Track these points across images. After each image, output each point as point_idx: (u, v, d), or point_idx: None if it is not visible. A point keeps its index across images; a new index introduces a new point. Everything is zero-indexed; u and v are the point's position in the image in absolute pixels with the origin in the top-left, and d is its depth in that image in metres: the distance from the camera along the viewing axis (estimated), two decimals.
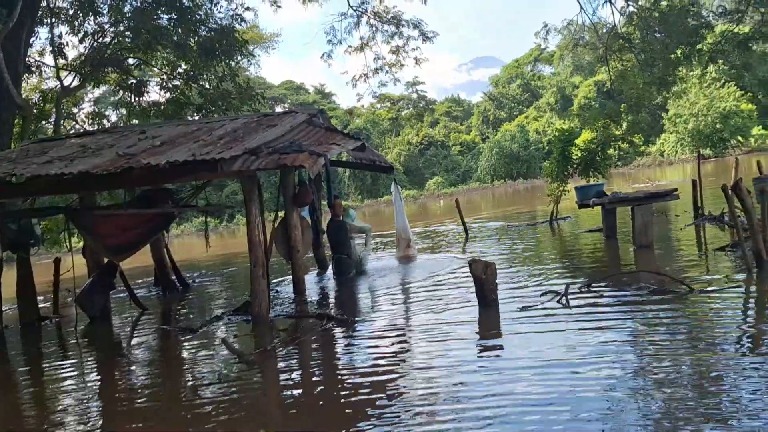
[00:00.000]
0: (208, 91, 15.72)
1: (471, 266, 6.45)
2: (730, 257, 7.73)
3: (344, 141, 9.18)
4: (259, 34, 42.39)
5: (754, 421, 3.32)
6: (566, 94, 63.25)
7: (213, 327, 7.69)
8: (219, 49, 14.70)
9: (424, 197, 54.38)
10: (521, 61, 77.13)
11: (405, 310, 7.65)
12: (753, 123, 50.73)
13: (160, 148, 8.01)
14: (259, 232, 7.70)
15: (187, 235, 43.54)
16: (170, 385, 5.68)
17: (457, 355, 5.15)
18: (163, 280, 11.72)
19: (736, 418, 3.38)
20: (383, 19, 18.61)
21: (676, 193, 9.91)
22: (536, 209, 21.46)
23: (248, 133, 8.44)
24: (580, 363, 4.52)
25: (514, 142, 59.54)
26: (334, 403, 4.57)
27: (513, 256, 10.53)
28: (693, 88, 47.17)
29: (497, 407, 3.95)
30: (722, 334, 4.93)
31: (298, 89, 72.18)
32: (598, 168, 14.69)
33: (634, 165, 54.74)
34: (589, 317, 5.81)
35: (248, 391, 5.07)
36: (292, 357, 6.02)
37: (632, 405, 3.76)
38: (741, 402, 3.59)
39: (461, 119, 72.48)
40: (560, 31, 22.15)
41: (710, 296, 5.94)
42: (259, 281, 7.55)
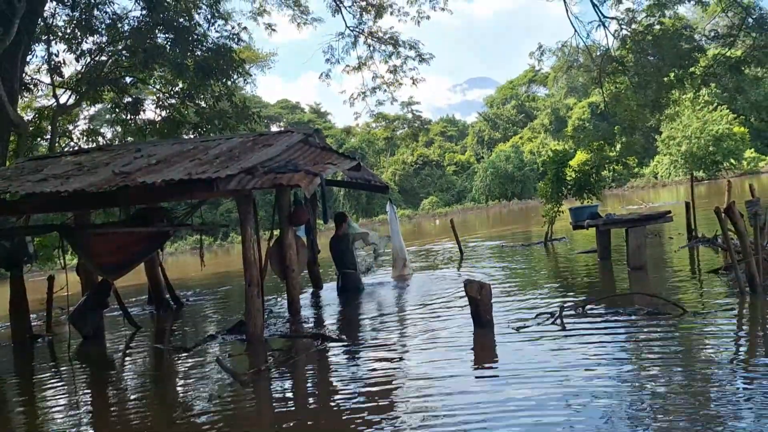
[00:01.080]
0: (205, 110, 15.79)
1: (466, 286, 6.45)
2: (724, 280, 7.75)
3: (340, 161, 9.22)
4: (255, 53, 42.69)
5: None
6: (560, 116, 63.75)
7: (207, 346, 7.64)
8: (215, 69, 14.80)
9: (419, 217, 54.47)
10: (516, 82, 77.85)
11: (400, 329, 7.63)
12: (745, 146, 51.23)
13: (155, 166, 8.02)
14: (254, 250, 7.69)
15: (181, 253, 43.42)
16: (163, 404, 5.63)
17: (452, 376, 5.13)
18: (157, 299, 11.66)
19: None
20: (380, 40, 18.81)
21: (669, 215, 9.97)
22: (531, 230, 21.51)
23: (244, 152, 8.47)
24: (574, 386, 4.51)
25: (509, 162, 59.87)
26: (327, 423, 4.54)
27: (508, 277, 10.54)
28: (686, 111, 47.64)
29: (492, 429, 3.94)
30: (715, 357, 4.93)
31: (294, 108, 72.56)
32: (592, 189, 14.76)
33: (628, 186, 55.06)
34: (584, 339, 5.80)
35: (242, 411, 5.04)
36: (286, 377, 5.98)
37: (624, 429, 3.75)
38: (732, 423, 3.58)
39: (456, 139, 72.89)
40: (554, 52, 22.38)
41: (704, 319, 5.95)
42: (253, 300, 7.52)
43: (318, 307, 10.27)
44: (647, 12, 18.23)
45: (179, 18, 15.08)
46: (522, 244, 16.24)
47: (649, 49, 18.03)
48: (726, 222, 6.95)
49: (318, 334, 7.39)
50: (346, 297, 10.38)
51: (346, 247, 10.79)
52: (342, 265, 10.78)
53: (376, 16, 18.98)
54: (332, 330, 7.69)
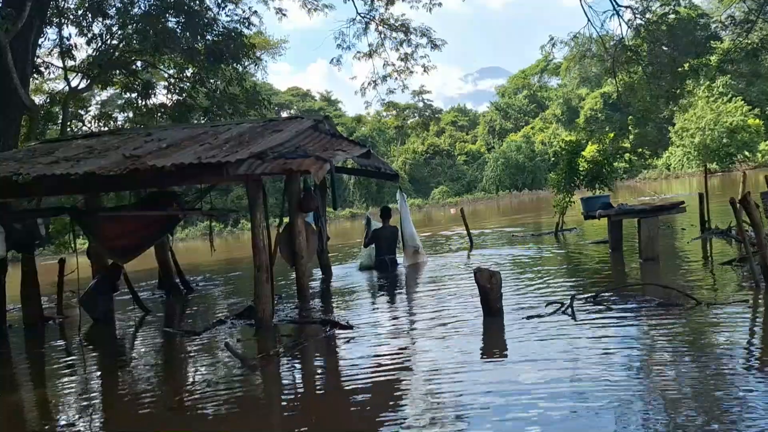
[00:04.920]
0: (215, 95, 15.76)
1: (476, 275, 6.40)
2: (737, 272, 7.66)
3: (350, 147, 9.17)
4: (265, 40, 42.53)
5: None
6: (572, 106, 63.24)
7: (216, 331, 7.65)
8: (226, 53, 14.75)
9: (429, 206, 54.34)
10: (528, 72, 77.21)
11: (409, 316, 7.60)
12: (760, 138, 50.59)
13: (165, 150, 8.01)
14: (263, 236, 7.66)
15: (192, 239, 43.59)
16: (171, 387, 5.64)
17: (461, 363, 5.10)
18: (167, 284, 11.69)
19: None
20: (391, 27, 18.67)
21: (683, 206, 9.85)
22: (541, 220, 21.40)
23: (254, 137, 8.44)
24: (583, 375, 4.47)
25: (520, 152, 59.53)
26: (335, 408, 4.53)
27: (518, 266, 10.48)
28: (700, 102, 47.13)
29: (500, 416, 3.92)
30: (729, 348, 4.87)
31: (305, 96, 72.39)
32: (604, 180, 14.63)
33: (640, 178, 54.60)
34: (595, 329, 5.75)
35: (250, 396, 5.03)
36: (294, 362, 5.98)
37: (635, 419, 3.70)
38: (745, 417, 3.53)
39: (467, 129, 72.51)
40: (567, 43, 22.16)
41: (718, 310, 5.88)
42: (262, 285, 7.51)
43: (327, 293, 10.27)
44: (662, 1, 18.00)
45: (190, 1, 15.02)
46: (532, 234, 16.16)
47: (664, 39, 17.81)
48: (741, 213, 6.85)
49: (326, 320, 7.38)
50: (387, 276, 11.25)
51: (393, 237, 12.01)
52: (388, 252, 11.95)
53: (387, 3, 18.82)
54: (341, 316, 7.67)
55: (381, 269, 11.77)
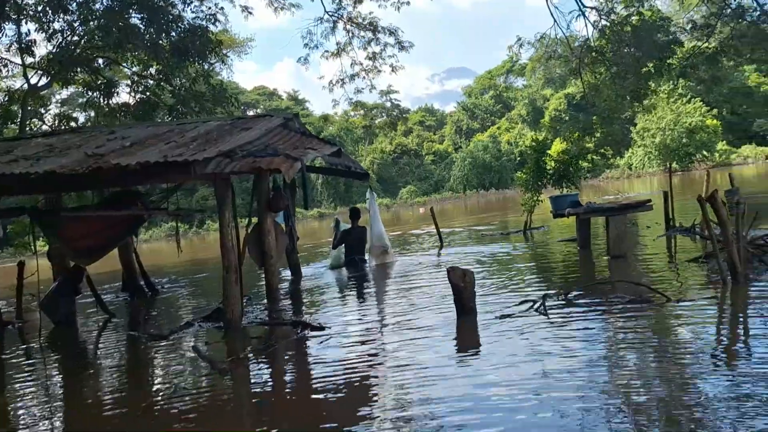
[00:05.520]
0: (181, 92, 15.44)
1: (449, 274, 6.37)
2: (704, 268, 7.79)
3: (320, 146, 9.06)
4: (231, 38, 41.98)
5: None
6: (537, 106, 64.17)
7: (183, 334, 7.46)
8: (192, 50, 14.46)
9: (398, 206, 54.43)
10: (494, 72, 78.07)
11: (382, 316, 7.53)
12: (717, 138, 52.13)
13: (129, 148, 7.78)
14: (232, 236, 7.51)
15: (156, 240, 42.83)
16: (137, 392, 5.47)
17: (434, 363, 5.04)
18: (131, 286, 11.42)
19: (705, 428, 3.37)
20: (360, 26, 18.58)
21: (650, 204, 10.01)
22: (508, 219, 21.57)
23: (222, 135, 8.27)
24: (554, 373, 4.47)
25: (487, 152, 60.13)
26: (306, 411, 4.43)
27: (489, 265, 10.51)
28: (661, 103, 48.22)
29: (471, 414, 3.89)
30: (697, 344, 4.92)
31: (271, 95, 71.84)
32: (571, 179, 14.80)
33: (604, 177, 55.73)
34: (568, 327, 5.77)
35: (219, 400, 4.90)
36: (265, 365, 5.86)
37: (603, 417, 3.71)
38: (711, 413, 3.57)
39: (434, 129, 72.93)
40: (533, 44, 22.38)
41: (687, 306, 5.95)
42: (231, 287, 7.36)
43: (298, 294, 10.15)
44: (625, 3, 18.30)
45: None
46: (501, 233, 16.26)
47: (628, 40, 18.10)
48: (708, 210, 6.96)
49: (297, 321, 7.25)
50: (358, 275, 11.27)
51: (362, 237, 12.13)
52: (356, 252, 12.10)
53: (355, 1, 18.73)
54: (312, 317, 7.56)
55: (351, 268, 11.88)
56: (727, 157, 52.07)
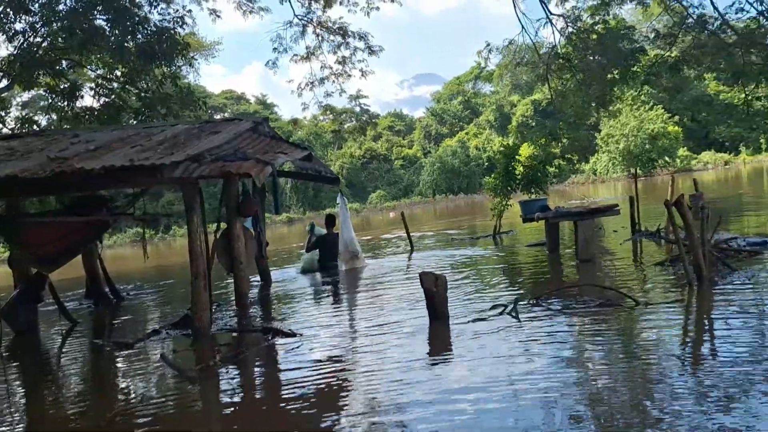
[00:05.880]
0: (147, 95, 15.15)
1: (421, 278, 6.35)
2: (670, 271, 7.94)
3: (291, 150, 8.98)
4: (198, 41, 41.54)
5: None
6: (505, 112, 64.87)
7: (150, 342, 7.30)
8: (158, 52, 14.20)
9: (367, 210, 54.41)
10: (462, 78, 78.75)
11: (354, 322, 7.49)
12: (679, 144, 53.44)
13: (94, 152, 7.60)
14: (200, 242, 7.38)
15: (120, 246, 41.99)
16: (102, 402, 5.31)
17: (406, 368, 5.02)
18: (96, 293, 11.13)
19: None
20: (330, 30, 18.52)
21: (617, 208, 10.17)
22: (477, 223, 21.72)
23: (190, 139, 8.13)
24: (528, 375, 4.50)
25: (456, 157, 60.56)
26: (278, 419, 4.35)
27: (460, 269, 10.54)
28: (625, 110, 49.22)
29: (442, 420, 3.88)
30: (664, 346, 5.00)
31: (239, 99, 71.13)
32: (539, 184, 14.96)
33: (570, 182, 56.61)
34: (539, 330, 5.80)
35: (188, 409, 4.80)
36: (235, 373, 5.75)
37: (573, 418, 3.76)
38: (676, 413, 3.63)
39: (404, 134, 73.17)
40: (501, 51, 22.59)
41: (654, 310, 6.04)
42: (200, 293, 7.22)
43: (268, 300, 10.03)
44: (591, 11, 18.61)
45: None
46: (471, 237, 16.35)
47: (594, 48, 18.39)
48: (674, 215, 7.09)
49: (268, 328, 7.16)
50: (330, 281, 11.25)
51: (336, 243, 12.04)
52: (332, 258, 12.09)
53: (325, 6, 18.66)
54: (283, 323, 7.47)
55: (324, 273, 12.03)
56: (688, 163, 53.43)
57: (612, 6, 18.32)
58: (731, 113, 52.98)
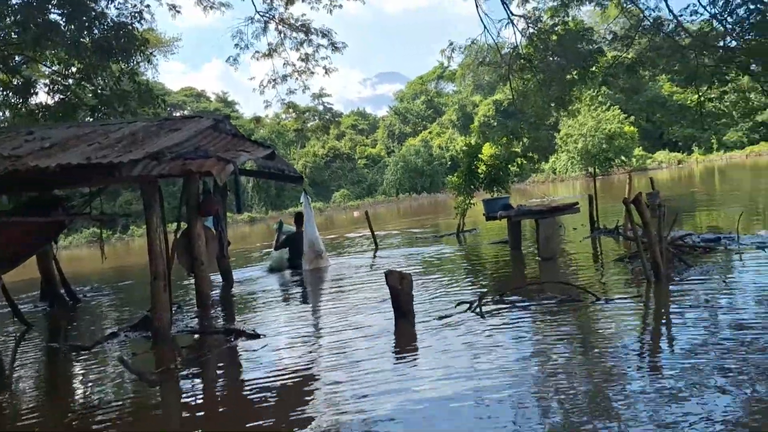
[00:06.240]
0: (104, 92, 14.75)
1: (387, 277, 6.34)
2: (628, 268, 8.12)
3: (253, 148, 8.85)
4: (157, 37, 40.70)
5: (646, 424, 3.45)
6: (467, 112, 65.44)
7: (108, 345, 7.12)
8: (115, 48, 13.83)
9: (331, 209, 54.21)
10: (425, 78, 79.13)
11: (318, 321, 7.44)
12: (634, 144, 54.84)
13: (49, 150, 7.37)
14: (160, 242, 7.23)
15: (76, 247, 40.89)
16: (58, 407, 5.15)
17: (371, 367, 5.01)
18: (51, 295, 10.82)
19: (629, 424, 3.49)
20: (292, 27, 18.35)
21: (577, 206, 10.36)
22: (441, 222, 21.86)
23: (149, 136, 7.95)
24: (492, 371, 4.55)
25: (419, 156, 60.80)
26: (240, 422, 4.29)
27: (424, 267, 10.58)
28: (583, 110, 50.23)
29: (408, 418, 3.90)
30: (623, 340, 5.11)
31: (199, 96, 69.93)
32: (501, 183, 15.14)
33: (530, 181, 57.48)
34: (503, 326, 5.87)
35: (148, 414, 4.69)
36: (196, 376, 5.64)
37: (534, 411, 3.83)
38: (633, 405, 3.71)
39: (367, 133, 73.11)
40: (464, 50, 22.79)
41: (614, 305, 6.17)
42: (159, 295, 7.07)
43: (230, 300, 9.89)
44: (551, 12, 18.91)
45: None
46: (435, 235, 16.45)
47: (554, 49, 18.69)
48: (632, 212, 7.26)
49: (230, 329, 7.06)
50: (296, 280, 11.26)
51: (301, 242, 12.06)
52: (299, 256, 12.06)
53: (287, 2, 18.47)
54: (245, 325, 7.37)
55: (294, 271, 12.12)
56: (643, 162, 54.84)
57: (571, 7, 18.67)
58: (684, 114, 54.63)
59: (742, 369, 4.09)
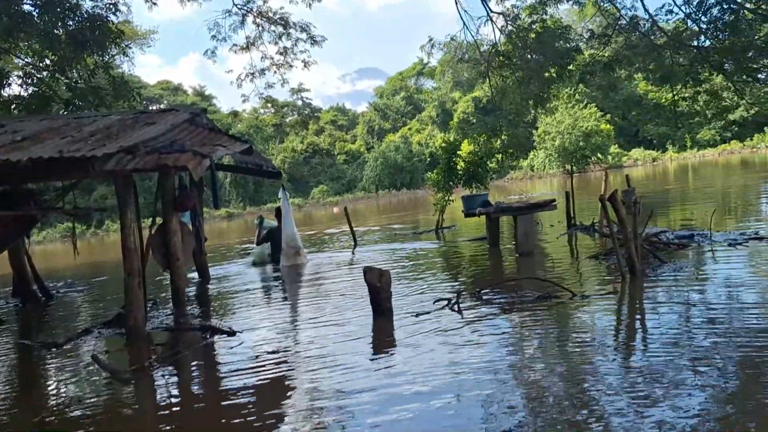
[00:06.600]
0: (78, 85, 14.48)
1: (366, 274, 6.33)
2: (604, 264, 8.20)
3: (230, 143, 8.75)
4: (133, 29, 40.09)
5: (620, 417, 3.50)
6: (447, 108, 65.57)
7: (81, 341, 7.00)
8: (90, 40, 13.57)
9: (309, 205, 53.99)
10: (405, 74, 79.12)
11: (296, 319, 7.39)
12: (610, 142, 55.51)
13: (21, 143, 7.21)
14: (134, 238, 7.12)
15: (50, 242, 40.21)
16: (29, 405, 5.05)
17: (350, 364, 4.99)
18: (23, 290, 10.61)
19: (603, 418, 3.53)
20: (270, 20, 18.16)
21: (554, 203, 10.43)
22: (420, 218, 21.89)
23: (124, 130, 7.81)
24: (470, 367, 4.56)
25: (398, 153, 60.79)
26: (215, 421, 4.24)
27: (402, 264, 10.58)
28: (561, 107, 50.63)
29: (385, 415, 3.89)
30: (598, 335, 5.17)
31: (176, 90, 69.16)
32: (480, 179, 15.19)
33: (509, 178, 57.85)
34: (480, 323, 5.89)
35: (121, 412, 4.62)
36: (171, 374, 5.57)
37: (509, 406, 3.85)
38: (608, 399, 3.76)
39: (346, 128, 72.91)
40: (443, 47, 22.78)
41: (589, 301, 6.23)
42: (134, 291, 6.97)
43: (206, 298, 9.79)
44: (529, 10, 18.99)
45: None
46: (414, 232, 16.46)
47: (532, 46, 18.77)
48: (608, 210, 7.32)
49: (206, 326, 6.99)
50: (275, 276, 11.26)
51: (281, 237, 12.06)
52: (279, 251, 12.03)
53: None
54: (221, 322, 7.30)
55: (275, 265, 12.12)
56: (619, 160, 55.56)
57: (549, 5, 18.75)
58: (659, 113, 55.41)
59: (712, 362, 4.17)
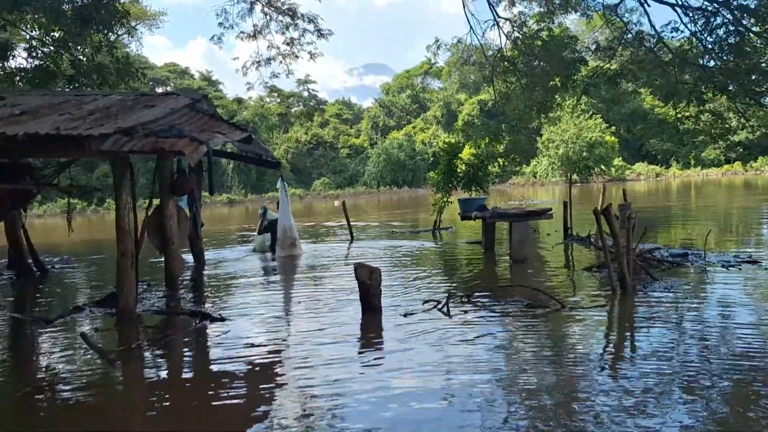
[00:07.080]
0: (82, 62, 14.45)
1: (356, 271, 6.35)
2: (596, 277, 8.21)
3: (230, 130, 8.75)
4: (142, 9, 40.06)
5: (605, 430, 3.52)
6: (452, 109, 65.49)
7: (72, 318, 7.02)
8: (96, 17, 13.54)
9: (310, 197, 54.01)
10: (412, 72, 78.96)
11: (285, 310, 7.41)
12: (614, 154, 55.50)
13: (19, 117, 7.21)
14: (129, 219, 7.13)
15: (50, 216, 40.22)
16: (17, 380, 5.08)
17: (336, 360, 5.01)
18: (18, 264, 10.63)
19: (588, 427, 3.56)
20: (278, 10, 18.13)
21: (550, 212, 10.44)
22: (419, 217, 21.91)
23: (123, 111, 7.80)
24: (454, 374, 4.57)
25: (402, 150, 60.78)
26: (201, 407, 4.26)
27: (397, 261, 10.60)
28: (565, 116, 50.62)
29: (372, 413, 3.91)
30: (587, 348, 5.19)
31: (183, 73, 68.93)
32: (480, 183, 15.19)
33: (510, 183, 57.84)
34: (468, 327, 5.90)
35: (107, 393, 4.64)
36: (159, 356, 5.59)
37: (497, 412, 3.86)
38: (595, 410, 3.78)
39: (351, 122, 72.81)
40: (450, 48, 22.79)
41: (579, 313, 6.25)
42: (126, 272, 6.99)
43: (200, 283, 9.80)
44: (537, 18, 18.97)
45: None
46: (412, 230, 16.48)
47: (538, 54, 18.77)
48: (602, 222, 7.34)
49: (197, 311, 7.01)
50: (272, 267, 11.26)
51: None
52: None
53: None
54: (213, 308, 7.32)
55: (274, 253, 12.27)
56: (622, 173, 55.56)
57: (557, 15, 18.73)
58: (664, 129, 55.36)
59: (698, 378, 4.22)
